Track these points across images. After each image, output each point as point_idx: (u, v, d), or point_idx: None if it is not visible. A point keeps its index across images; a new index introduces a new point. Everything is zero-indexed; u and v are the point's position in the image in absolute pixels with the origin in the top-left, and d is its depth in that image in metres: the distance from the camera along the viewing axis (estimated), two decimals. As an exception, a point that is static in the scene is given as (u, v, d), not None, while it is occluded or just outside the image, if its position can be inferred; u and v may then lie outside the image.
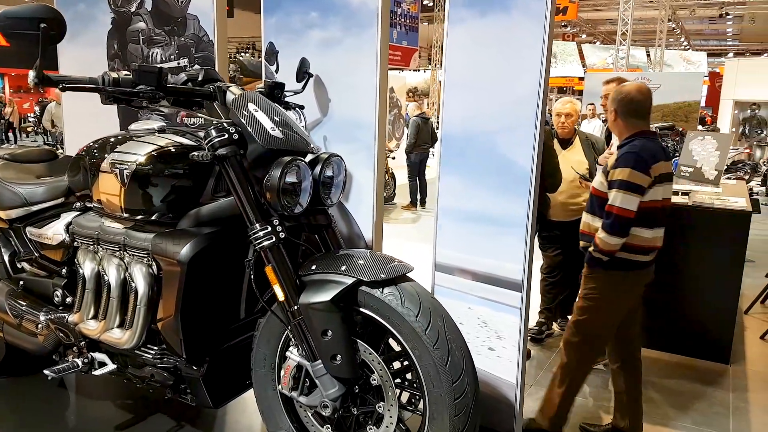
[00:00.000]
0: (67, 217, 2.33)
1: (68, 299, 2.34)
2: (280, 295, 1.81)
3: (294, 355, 1.89)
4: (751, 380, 3.47)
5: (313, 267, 1.86)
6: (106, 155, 2.07)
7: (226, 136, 1.82)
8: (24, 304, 2.41)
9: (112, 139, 2.13)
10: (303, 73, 2.45)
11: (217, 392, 2.07)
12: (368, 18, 2.41)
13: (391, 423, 1.81)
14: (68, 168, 2.32)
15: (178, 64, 2.94)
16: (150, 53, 3.02)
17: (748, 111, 13.52)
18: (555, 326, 4.06)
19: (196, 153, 1.81)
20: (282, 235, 1.83)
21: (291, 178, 1.85)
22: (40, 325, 2.33)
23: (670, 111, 11.48)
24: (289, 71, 2.59)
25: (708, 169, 5.13)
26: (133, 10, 3.06)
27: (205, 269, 1.94)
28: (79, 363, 2.22)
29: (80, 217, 2.30)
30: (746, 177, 9.05)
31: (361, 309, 1.80)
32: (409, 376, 1.89)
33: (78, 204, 2.35)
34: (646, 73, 14.23)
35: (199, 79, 1.98)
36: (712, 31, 22.72)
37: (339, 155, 2.04)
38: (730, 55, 25.05)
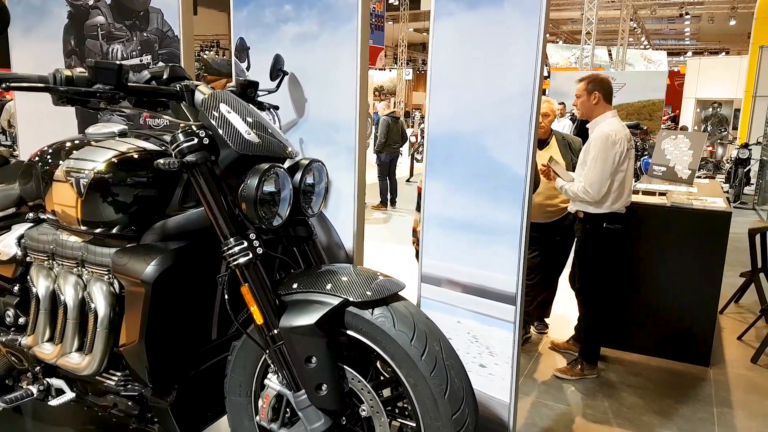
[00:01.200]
0: (18, 230, 2.11)
1: (21, 319, 2.11)
2: (258, 318, 1.63)
3: (273, 384, 1.71)
4: (733, 384, 3.44)
5: (295, 285, 1.68)
6: (60, 162, 1.86)
7: (196, 140, 1.63)
8: None
9: (67, 144, 1.91)
10: (277, 70, 2.27)
11: (186, 422, 1.88)
12: (347, 12, 2.25)
13: None
14: (19, 175, 2.10)
15: (141, 60, 2.73)
16: (110, 49, 2.80)
17: (710, 109, 13.79)
18: (532, 330, 3.97)
19: (162, 161, 1.61)
20: (259, 250, 1.65)
21: (269, 187, 1.67)
22: None
23: (634, 110, 11.62)
24: (261, 69, 2.41)
25: (681, 168, 5.13)
26: (90, 3, 2.83)
27: (172, 288, 1.75)
28: (34, 391, 2.01)
29: (33, 230, 2.08)
30: (711, 175, 9.18)
31: (349, 332, 1.63)
32: (400, 403, 1.73)
33: (31, 215, 2.12)
34: (610, 72, 14.38)
35: (164, 77, 1.78)
36: (670, 30, 23.16)
37: (320, 161, 1.86)
38: (689, 54, 25.61)
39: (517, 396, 2.22)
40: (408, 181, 11.87)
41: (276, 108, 2.27)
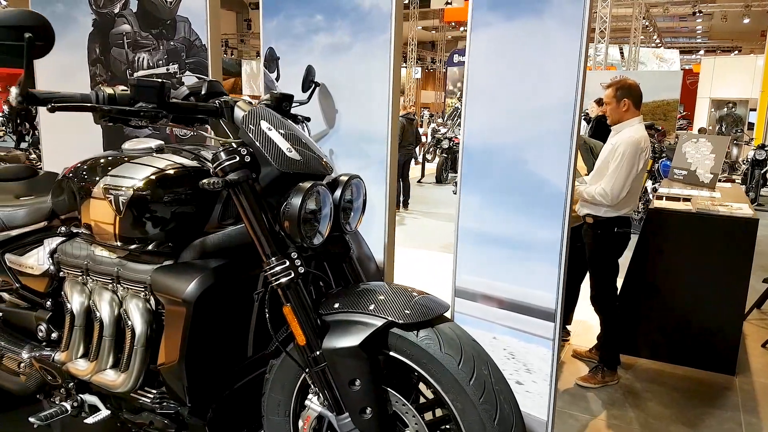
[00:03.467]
0: (51, 244, 2.08)
1: (53, 335, 2.09)
2: (301, 339, 1.60)
3: (315, 405, 1.68)
4: (759, 393, 3.40)
5: (336, 305, 1.65)
6: (97, 178, 1.83)
7: (237, 159, 1.60)
8: (3, 340, 2.16)
9: (103, 160, 1.89)
10: (309, 82, 2.24)
11: (224, 441, 1.86)
12: (380, 21, 2.22)
13: None
14: (53, 190, 2.07)
15: (167, 69, 2.70)
16: (136, 58, 2.78)
17: (725, 109, 13.66)
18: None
19: (206, 181, 1.58)
20: (301, 270, 1.62)
21: (311, 206, 1.65)
22: (22, 364, 2.09)
23: (648, 110, 11.53)
24: (290, 79, 2.38)
25: (703, 172, 5.07)
26: (116, 11, 2.80)
27: (212, 307, 1.72)
28: (68, 407, 1.99)
29: (66, 244, 2.05)
30: (729, 177, 9.09)
31: (392, 354, 1.60)
32: (444, 426, 1.69)
33: (63, 229, 2.10)
34: (623, 72, 14.28)
35: (203, 93, 1.76)
36: (682, 28, 22.98)
37: (359, 176, 1.83)
38: (701, 52, 25.40)
39: (554, 413, 2.19)
40: (419, 182, 11.83)
41: (308, 119, 2.24)
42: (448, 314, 1.67)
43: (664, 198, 4.20)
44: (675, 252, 3.67)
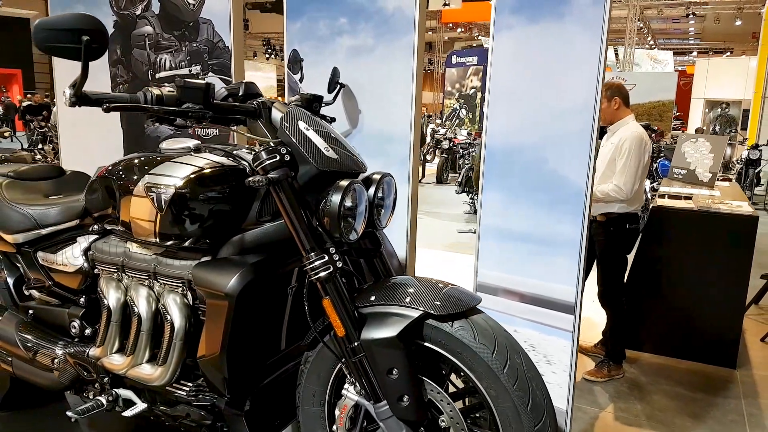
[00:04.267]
0: (84, 242, 2.13)
1: (87, 331, 2.15)
2: (340, 330, 1.67)
3: (351, 394, 1.74)
4: (760, 385, 3.48)
5: (373, 298, 1.71)
6: (138, 177, 1.89)
7: (278, 157, 1.67)
8: (37, 336, 2.21)
9: (142, 160, 1.94)
10: (335, 83, 2.30)
11: (260, 430, 1.91)
12: (403, 24, 2.28)
13: None
14: (87, 188, 2.12)
15: (190, 71, 2.75)
16: (158, 59, 2.82)
17: (719, 110, 13.83)
18: None
19: (251, 179, 1.65)
20: (339, 264, 1.69)
21: (348, 203, 1.71)
22: (57, 360, 2.14)
23: (644, 110, 11.65)
24: (314, 81, 2.44)
25: (702, 172, 5.17)
26: (138, 13, 2.85)
27: (252, 301, 1.78)
28: (104, 401, 2.04)
29: (101, 242, 2.11)
30: (725, 176, 9.21)
31: (427, 344, 1.67)
32: (476, 413, 1.76)
33: (96, 226, 2.15)
34: (618, 73, 14.41)
35: (240, 94, 1.81)
36: (675, 30, 23.19)
37: (390, 174, 1.90)
38: (694, 53, 25.63)
39: (573, 404, 2.26)
40: (420, 182, 11.89)
41: (333, 120, 2.30)
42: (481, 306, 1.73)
43: (666, 196, 4.29)
44: (677, 249, 3.76)
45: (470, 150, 10.07)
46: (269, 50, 23.83)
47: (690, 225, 3.74)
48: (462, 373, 1.67)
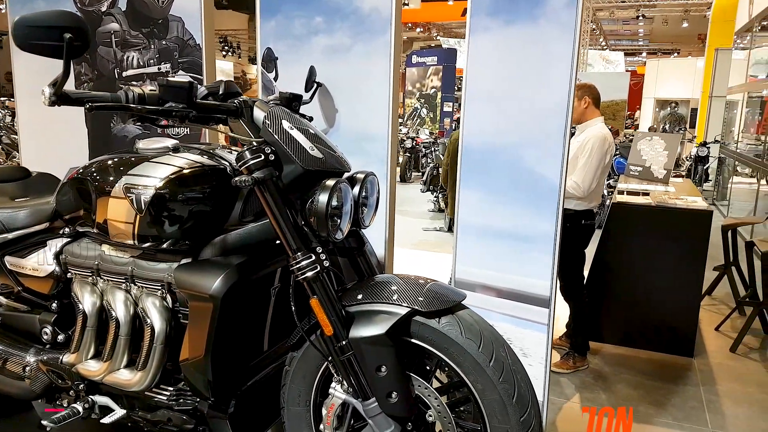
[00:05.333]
0: (55, 245, 2.07)
1: (60, 337, 2.08)
2: (328, 330, 1.67)
3: (339, 393, 1.75)
4: (717, 373, 3.63)
5: (359, 296, 1.72)
6: (113, 177, 1.84)
7: (262, 157, 1.65)
8: (6, 343, 2.13)
9: (118, 160, 1.90)
10: (312, 82, 2.29)
11: (243, 433, 1.90)
12: (380, 24, 2.29)
13: None
14: (58, 190, 2.06)
15: (159, 69, 2.70)
16: (125, 57, 2.75)
17: (668, 109, 14.31)
18: None
19: (237, 178, 1.63)
20: (326, 263, 1.69)
21: (334, 202, 1.71)
22: (28, 368, 2.07)
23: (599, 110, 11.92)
24: (289, 80, 2.43)
25: (657, 168, 5.35)
26: (104, 9, 2.78)
27: (237, 302, 1.77)
28: (80, 409, 1.98)
29: (73, 245, 2.05)
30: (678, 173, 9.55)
31: (414, 341, 1.69)
32: (461, 407, 1.79)
33: (67, 229, 2.09)
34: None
35: (220, 93, 1.79)
36: (625, 31, 23.86)
37: (374, 173, 1.91)
38: (643, 54, 26.44)
39: (548, 394, 2.32)
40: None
41: (311, 119, 2.30)
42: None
43: (625, 192, 4.43)
44: (636, 244, 3.89)
45: (433, 149, 10.15)
46: (226, 47, 23.44)
47: (648, 220, 3.87)
48: (447, 368, 1.70)
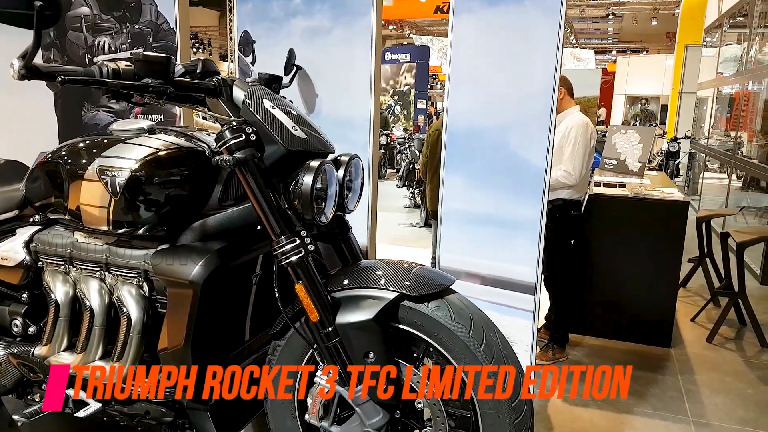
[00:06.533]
0: (25, 233, 1.98)
1: (31, 329, 1.99)
2: (314, 316, 1.61)
3: (324, 381, 1.70)
4: (694, 363, 3.66)
5: (345, 282, 1.67)
6: (86, 160, 1.76)
7: (243, 137, 1.59)
8: None
9: (91, 142, 1.81)
10: (291, 65, 2.23)
11: (225, 425, 1.83)
12: (362, 6, 2.24)
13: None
14: (27, 176, 1.97)
15: (131, 54, 2.60)
16: (96, 42, 2.65)
17: (639, 105, 14.53)
18: None
19: (218, 158, 1.56)
20: (311, 247, 1.63)
21: (319, 184, 1.66)
22: None
23: (571, 106, 12.02)
24: (267, 64, 2.37)
25: (632, 161, 5.39)
26: (73, -8, 2.68)
27: (217, 289, 1.70)
28: None
29: (44, 233, 1.95)
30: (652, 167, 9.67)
31: (403, 326, 1.64)
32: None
33: (37, 217, 2.00)
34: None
35: (198, 71, 1.72)
36: (595, 30, 24.18)
37: (358, 156, 1.85)
38: (613, 52, 26.83)
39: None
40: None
41: (290, 102, 2.24)
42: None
43: (602, 185, 4.45)
44: (614, 235, 3.90)
45: (408, 145, 10.13)
46: (197, 44, 23.12)
47: (626, 211, 3.88)
48: (435, 354, 1.66)
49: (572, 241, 3.59)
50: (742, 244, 3.97)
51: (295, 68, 2.25)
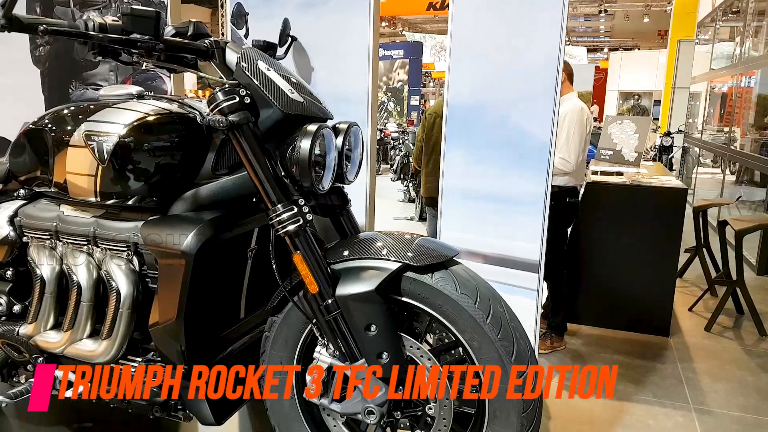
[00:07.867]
0: (9, 208, 1.89)
1: (15, 307, 1.90)
2: (313, 287, 1.54)
3: (324, 356, 1.62)
4: (693, 351, 3.63)
5: (345, 253, 1.60)
6: (71, 126, 1.67)
7: (237, 99, 1.51)
8: None
9: (76, 107, 1.73)
10: (285, 36, 2.15)
11: (220, 406, 1.75)
12: (359, -26, 2.17)
13: (445, 426, 1.59)
14: (11, 149, 1.88)
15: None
16: (84, 18, 2.56)
17: (631, 101, 14.54)
18: None
19: (211, 117, 1.48)
20: (309, 216, 1.56)
21: (317, 150, 1.58)
22: None
23: (564, 101, 12.02)
24: (260, 36, 2.27)
25: (628, 152, 5.36)
26: (60, -36, 2.59)
27: (210, 262, 1.62)
28: None
29: (29, 207, 1.87)
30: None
31: (405, 299, 1.57)
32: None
33: (22, 191, 1.91)
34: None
35: (189, 33, 1.64)
36: (587, 27, 24.21)
37: (357, 124, 1.78)
38: (605, 50, 26.89)
39: (536, 360, 2.23)
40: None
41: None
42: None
43: (599, 173, 4.41)
44: (612, 223, 3.85)
45: (402, 139, 10.08)
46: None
47: (623, 199, 3.84)
48: (439, 329, 1.59)
49: (568, 229, 3.53)
50: (740, 231, 3.94)
51: (290, 39, 2.17)
